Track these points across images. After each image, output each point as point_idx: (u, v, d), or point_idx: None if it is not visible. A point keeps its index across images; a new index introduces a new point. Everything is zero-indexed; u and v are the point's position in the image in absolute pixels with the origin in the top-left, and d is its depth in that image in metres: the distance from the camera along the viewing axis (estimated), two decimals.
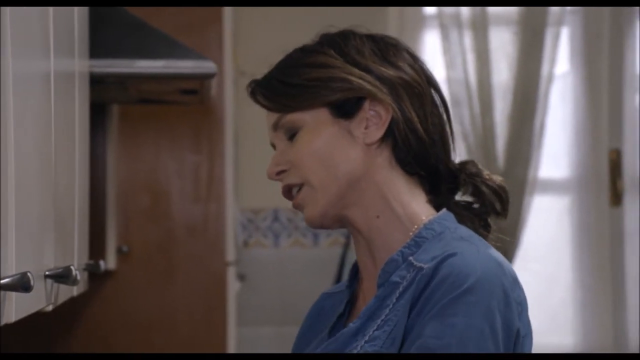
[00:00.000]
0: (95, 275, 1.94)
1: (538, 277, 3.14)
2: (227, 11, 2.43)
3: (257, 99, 1.16)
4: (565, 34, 3.13)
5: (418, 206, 1.12)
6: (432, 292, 1.03)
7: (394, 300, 1.07)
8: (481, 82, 3.05)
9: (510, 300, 1.03)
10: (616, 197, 3.13)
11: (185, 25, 2.33)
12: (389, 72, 1.12)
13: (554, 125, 3.11)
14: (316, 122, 1.11)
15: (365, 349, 1.06)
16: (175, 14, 2.33)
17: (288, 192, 1.14)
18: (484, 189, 1.13)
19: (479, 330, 1.01)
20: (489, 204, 1.14)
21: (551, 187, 3.17)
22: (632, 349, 3.06)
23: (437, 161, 1.13)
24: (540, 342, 3.16)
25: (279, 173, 1.14)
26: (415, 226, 1.11)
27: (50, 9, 1.18)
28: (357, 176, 1.11)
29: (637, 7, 3.11)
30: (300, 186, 1.12)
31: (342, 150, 1.11)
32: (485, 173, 1.15)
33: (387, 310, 1.07)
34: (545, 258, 3.15)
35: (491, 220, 1.15)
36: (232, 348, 2.42)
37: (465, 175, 1.14)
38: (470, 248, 1.06)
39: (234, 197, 2.52)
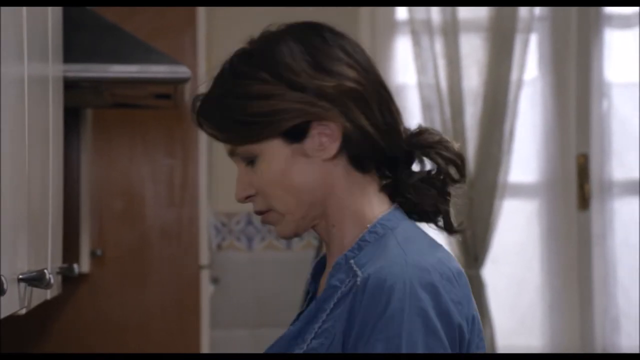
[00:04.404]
0: (69, 279, 1.95)
1: (508, 279, 3.17)
2: (201, 16, 2.44)
3: (204, 129, 1.16)
4: (534, 41, 3.16)
5: (370, 206, 1.14)
6: (363, 316, 1.04)
7: (332, 306, 1.10)
8: (452, 87, 3.09)
9: (447, 302, 1.05)
10: (584, 201, 3.17)
11: (159, 30, 2.34)
12: (328, 84, 1.11)
13: (523, 130, 3.15)
14: (271, 151, 1.13)
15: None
16: (149, 19, 2.34)
17: (259, 212, 1.17)
18: (440, 160, 1.14)
19: (416, 344, 1.03)
20: (445, 174, 1.14)
21: (520, 191, 3.21)
22: (598, 349, 3.11)
23: (394, 149, 1.14)
24: (510, 343, 3.21)
25: (247, 197, 1.16)
26: (364, 229, 1.13)
27: (24, 12, 1.18)
28: (318, 196, 1.13)
29: (604, 15, 3.16)
30: (267, 210, 1.16)
31: (301, 173, 1.12)
32: (441, 140, 1.14)
33: (324, 316, 1.10)
34: (514, 261, 3.19)
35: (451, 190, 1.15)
36: (205, 350, 2.43)
37: (420, 152, 1.14)
38: (399, 258, 1.07)
39: (207, 201, 2.53)
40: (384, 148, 1.13)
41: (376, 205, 1.14)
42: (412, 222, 1.15)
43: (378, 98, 1.14)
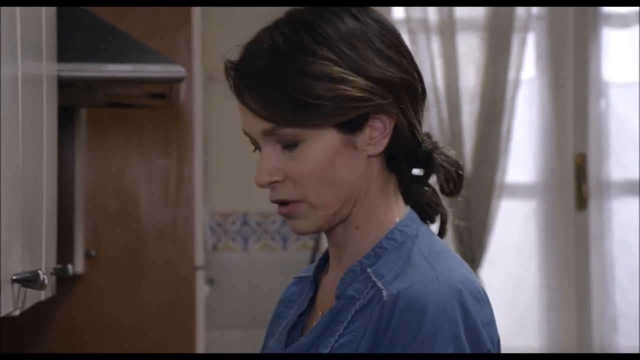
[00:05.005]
0: (64, 280, 1.94)
1: (505, 279, 3.17)
2: (196, 15, 2.44)
3: (246, 102, 1.03)
4: (531, 40, 3.16)
5: (391, 210, 1.07)
6: (393, 336, 0.98)
7: (349, 318, 1.02)
8: (449, 86, 3.08)
9: (477, 325, 0.99)
10: (581, 201, 3.17)
11: (154, 29, 2.33)
12: (389, 73, 1.02)
13: (520, 129, 3.15)
14: (322, 139, 1.02)
15: None
16: (144, 18, 2.33)
17: (284, 202, 1.05)
18: (448, 166, 1.08)
19: None
20: (450, 180, 1.08)
21: (518, 191, 3.21)
22: (596, 349, 3.11)
23: (424, 154, 1.08)
24: (507, 344, 3.20)
25: (272, 182, 1.04)
26: (382, 234, 1.05)
27: (18, 11, 1.18)
28: (355, 193, 1.05)
29: (602, 14, 3.16)
30: (296, 201, 1.04)
31: (347, 167, 1.03)
32: (442, 147, 1.09)
33: (340, 329, 1.03)
34: (512, 261, 3.19)
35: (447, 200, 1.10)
36: (200, 351, 2.42)
37: (437, 156, 1.08)
38: (429, 275, 1.00)
39: (203, 201, 2.52)
40: (422, 151, 1.06)
41: (395, 208, 1.07)
42: (428, 228, 1.08)
43: (422, 93, 1.07)
